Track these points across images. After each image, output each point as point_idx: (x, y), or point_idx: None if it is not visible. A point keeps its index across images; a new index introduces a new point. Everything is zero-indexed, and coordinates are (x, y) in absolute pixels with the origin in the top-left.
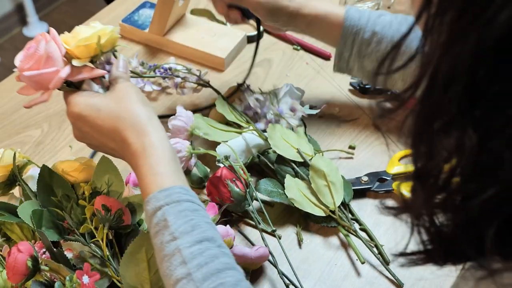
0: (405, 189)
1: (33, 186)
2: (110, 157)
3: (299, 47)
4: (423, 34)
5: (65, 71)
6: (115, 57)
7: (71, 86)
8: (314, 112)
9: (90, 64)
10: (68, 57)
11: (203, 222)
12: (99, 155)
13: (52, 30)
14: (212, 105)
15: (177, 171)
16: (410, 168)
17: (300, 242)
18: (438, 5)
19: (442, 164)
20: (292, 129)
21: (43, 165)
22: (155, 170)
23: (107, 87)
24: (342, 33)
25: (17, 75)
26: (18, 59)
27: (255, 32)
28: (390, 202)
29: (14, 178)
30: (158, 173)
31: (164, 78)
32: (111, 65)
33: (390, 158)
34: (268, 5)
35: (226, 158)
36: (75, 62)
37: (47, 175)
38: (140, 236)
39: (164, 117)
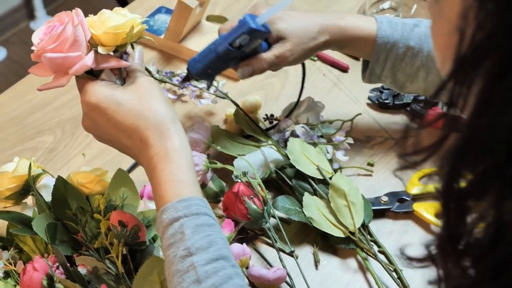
0: (426, 211)
1: (46, 195)
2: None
3: (316, 58)
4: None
5: (90, 58)
6: (132, 47)
7: (89, 74)
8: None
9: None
10: (92, 43)
11: (219, 239)
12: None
13: (79, 11)
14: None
15: (196, 181)
16: (430, 188)
17: (317, 263)
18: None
19: (472, 228)
20: (314, 145)
21: (59, 176)
22: (175, 177)
23: (123, 79)
24: (375, 50)
25: (36, 54)
26: (37, 37)
27: None
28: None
29: (28, 188)
30: (179, 181)
31: (182, 88)
32: (128, 56)
33: (410, 177)
34: (302, 52)
35: (244, 174)
36: (101, 50)
37: (62, 187)
38: (152, 259)
39: None
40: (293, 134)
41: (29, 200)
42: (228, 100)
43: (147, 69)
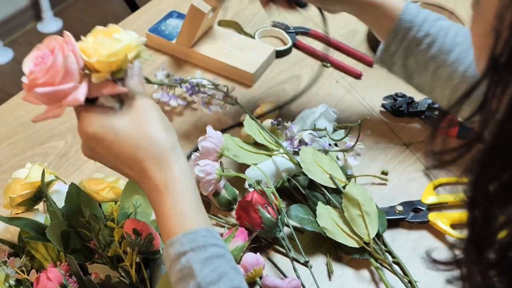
0: (441, 221)
1: (58, 201)
2: None
3: (328, 64)
4: (485, 95)
5: (82, 91)
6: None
7: (86, 100)
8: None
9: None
10: (86, 68)
11: (230, 268)
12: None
13: (69, 38)
14: (239, 124)
15: (200, 209)
16: (446, 198)
17: (330, 274)
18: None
19: (498, 231)
20: (326, 152)
21: (72, 183)
22: (178, 210)
23: (121, 100)
24: (396, 25)
25: (26, 86)
26: (28, 67)
27: (284, 47)
28: (437, 254)
29: (40, 194)
30: (182, 214)
31: (191, 94)
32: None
33: (425, 186)
34: None
35: (258, 182)
36: (94, 79)
37: (75, 193)
38: (165, 276)
39: None
40: (302, 142)
41: (40, 206)
42: (237, 107)
43: (146, 78)
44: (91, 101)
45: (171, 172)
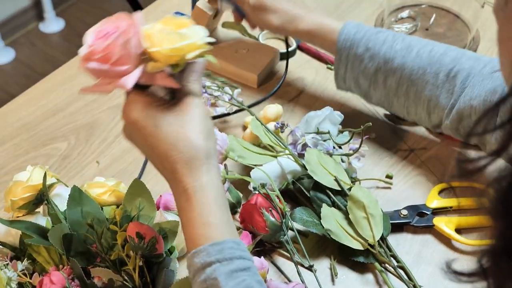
0: (446, 225)
1: (59, 204)
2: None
3: (333, 67)
4: None
5: (133, 78)
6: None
7: (137, 85)
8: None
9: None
10: (144, 55)
11: (255, 282)
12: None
13: (137, 20)
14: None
15: (228, 221)
16: (451, 202)
17: (334, 277)
18: None
19: None
20: (331, 155)
21: (74, 186)
22: (204, 220)
23: (173, 93)
24: (337, 47)
25: (83, 58)
26: (90, 39)
27: (290, 48)
28: (458, 265)
29: (42, 197)
30: (208, 224)
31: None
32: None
33: (430, 190)
34: (270, 27)
35: (263, 186)
36: (150, 68)
37: (78, 196)
38: (182, 281)
39: None
40: (305, 146)
41: (41, 209)
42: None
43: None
44: (143, 87)
45: (201, 181)
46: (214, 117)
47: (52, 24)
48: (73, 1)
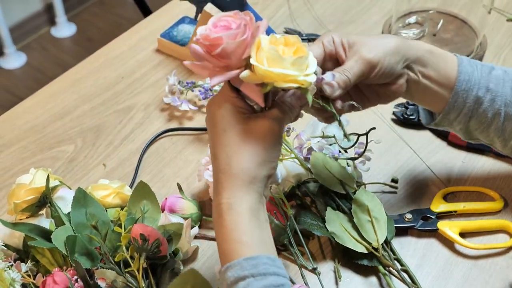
0: (451, 230)
1: (63, 207)
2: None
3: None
4: None
5: (221, 79)
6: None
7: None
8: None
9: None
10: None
11: None
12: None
13: (261, 27)
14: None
15: (264, 240)
16: (455, 207)
17: (337, 280)
18: None
19: None
20: (336, 159)
21: (79, 188)
22: (238, 237)
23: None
24: (456, 89)
25: (195, 39)
26: (210, 24)
27: None
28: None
29: (45, 200)
30: (241, 242)
31: (204, 98)
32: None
33: (435, 195)
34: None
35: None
36: (244, 77)
37: (82, 198)
38: (188, 272)
39: (199, 130)
40: (311, 150)
41: (44, 211)
42: None
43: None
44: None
45: (240, 200)
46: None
47: (64, 28)
48: (85, 6)
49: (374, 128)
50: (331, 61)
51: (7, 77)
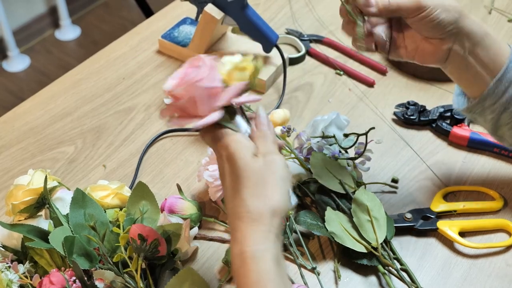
0: (450, 229)
1: (61, 208)
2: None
3: (342, 72)
4: None
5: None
6: (247, 110)
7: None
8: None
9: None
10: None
11: None
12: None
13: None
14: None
15: (285, 280)
16: (455, 206)
17: (337, 280)
18: None
19: None
20: (337, 159)
21: (77, 188)
22: (261, 285)
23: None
24: (501, 75)
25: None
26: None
27: (297, 54)
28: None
29: (43, 201)
30: None
31: None
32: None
33: (435, 194)
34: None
35: None
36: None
37: (81, 199)
38: (185, 271)
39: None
40: (311, 150)
41: (43, 212)
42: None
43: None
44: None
45: (263, 246)
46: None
47: (68, 31)
48: (89, 8)
49: (373, 128)
50: None
51: (11, 80)
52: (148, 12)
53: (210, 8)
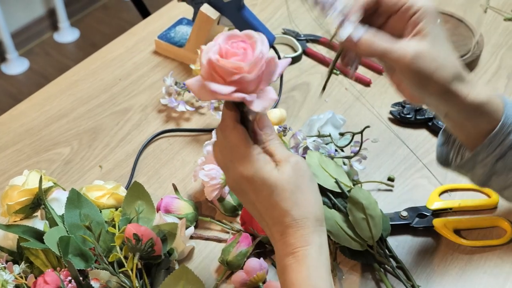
0: (446, 227)
1: (57, 208)
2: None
3: (338, 72)
4: None
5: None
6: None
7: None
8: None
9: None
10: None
11: None
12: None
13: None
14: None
15: (331, 283)
16: (451, 204)
17: (333, 278)
18: None
19: None
20: (332, 158)
21: (72, 188)
22: (314, 283)
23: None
24: (495, 132)
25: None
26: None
27: (294, 54)
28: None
29: (38, 201)
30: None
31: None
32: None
33: (431, 192)
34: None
35: None
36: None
37: (76, 199)
38: (180, 269)
39: (198, 131)
40: (307, 149)
41: (38, 212)
42: None
43: None
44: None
45: (312, 246)
46: None
47: (67, 34)
48: (88, 11)
49: (368, 126)
50: None
51: (10, 82)
52: (145, 13)
53: (206, 8)
